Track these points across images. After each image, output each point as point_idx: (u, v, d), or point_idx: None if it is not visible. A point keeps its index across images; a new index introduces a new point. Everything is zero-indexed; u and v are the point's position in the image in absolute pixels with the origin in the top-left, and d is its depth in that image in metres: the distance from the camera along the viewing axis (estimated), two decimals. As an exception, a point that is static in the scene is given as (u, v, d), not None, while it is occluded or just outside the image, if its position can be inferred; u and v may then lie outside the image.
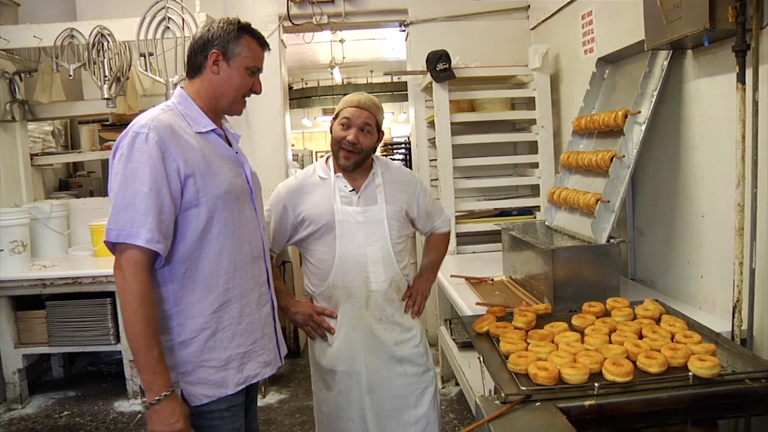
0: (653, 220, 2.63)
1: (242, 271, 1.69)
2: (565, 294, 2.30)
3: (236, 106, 1.75)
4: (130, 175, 1.51)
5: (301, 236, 2.14)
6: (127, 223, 1.49)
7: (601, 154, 2.48)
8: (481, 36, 4.18)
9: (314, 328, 2.17)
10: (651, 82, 2.37)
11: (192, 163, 1.58)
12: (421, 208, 2.24)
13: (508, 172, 4.10)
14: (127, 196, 1.50)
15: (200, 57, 1.69)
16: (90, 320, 3.62)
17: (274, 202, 2.15)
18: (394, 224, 2.13)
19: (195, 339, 1.61)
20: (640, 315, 1.95)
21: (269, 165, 4.27)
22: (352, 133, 2.05)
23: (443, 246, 2.38)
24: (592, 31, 3.10)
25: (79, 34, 3.67)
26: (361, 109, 2.06)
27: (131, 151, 1.52)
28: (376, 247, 2.10)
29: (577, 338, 1.78)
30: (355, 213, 2.09)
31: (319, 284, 2.14)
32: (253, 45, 1.71)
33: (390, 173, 2.19)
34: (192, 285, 1.61)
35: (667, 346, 1.64)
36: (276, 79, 4.31)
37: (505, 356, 1.72)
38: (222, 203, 1.63)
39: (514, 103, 4.04)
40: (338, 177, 2.13)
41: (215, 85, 1.69)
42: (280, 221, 2.14)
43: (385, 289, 2.12)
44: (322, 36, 7.52)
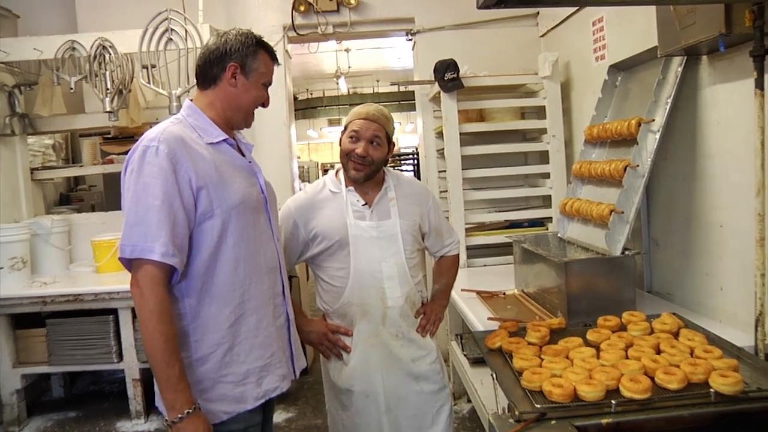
0: (669, 230, 2.61)
1: (258, 282, 1.70)
2: (580, 308, 2.29)
3: (249, 119, 1.79)
4: (142, 189, 1.52)
5: (313, 253, 2.14)
6: (141, 238, 1.50)
7: (615, 164, 2.47)
8: (489, 44, 4.20)
9: (329, 347, 2.16)
10: (665, 90, 2.37)
11: (204, 175, 1.60)
12: (432, 224, 2.24)
13: (518, 182, 4.09)
14: (139, 210, 1.52)
15: (216, 68, 1.71)
16: (92, 338, 3.62)
17: (283, 218, 2.15)
18: (408, 239, 2.14)
19: (213, 354, 1.63)
20: (657, 329, 1.93)
21: (275, 178, 4.23)
22: (361, 146, 2.05)
23: (454, 269, 2.39)
24: (603, 37, 3.11)
25: (80, 47, 3.70)
26: (370, 121, 2.07)
27: (142, 165, 1.54)
28: (391, 263, 2.10)
29: (593, 354, 1.77)
30: (369, 228, 2.09)
31: (333, 302, 2.13)
32: (267, 60, 1.77)
33: (402, 186, 2.20)
34: (209, 299, 1.62)
35: (687, 362, 1.62)
36: (281, 90, 4.34)
37: (518, 373, 1.71)
38: (236, 214, 1.64)
39: (524, 113, 4.04)
40: (350, 191, 2.13)
41: (231, 97, 1.72)
42: (290, 238, 2.14)
43: (401, 305, 2.12)
44: (327, 45, 7.56)
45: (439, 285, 2.35)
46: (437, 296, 2.33)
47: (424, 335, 2.20)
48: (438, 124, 4.03)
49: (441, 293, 2.35)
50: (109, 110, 3.70)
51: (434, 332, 2.26)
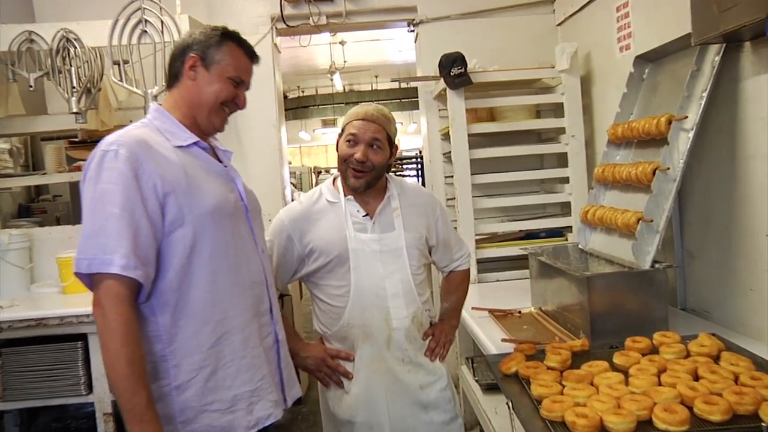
0: (706, 240, 2.59)
1: (240, 297, 1.71)
2: (605, 328, 2.27)
3: (215, 117, 1.78)
4: (99, 197, 1.53)
5: (309, 270, 2.14)
6: (99, 250, 1.50)
7: (642, 167, 2.46)
8: (500, 35, 4.20)
9: (328, 373, 2.16)
10: (699, 82, 2.36)
11: (171, 179, 1.60)
12: (440, 235, 2.25)
13: (534, 188, 4.09)
14: (96, 220, 1.52)
15: (178, 63, 1.76)
16: (57, 368, 3.57)
17: (276, 231, 2.16)
18: (414, 253, 2.14)
19: (194, 380, 1.62)
20: (694, 352, 1.91)
21: (264, 186, 4.25)
22: (360, 150, 2.06)
23: (465, 285, 2.40)
24: (628, 25, 3.10)
25: (40, 39, 3.66)
26: (369, 122, 2.07)
27: (100, 172, 1.55)
28: (396, 279, 2.11)
29: (621, 380, 1.76)
30: (371, 241, 2.10)
31: (332, 323, 2.14)
32: (237, 53, 1.77)
33: (406, 195, 2.20)
34: (185, 317, 1.62)
35: (731, 390, 1.60)
36: (269, 88, 4.34)
37: (537, 401, 1.70)
38: (211, 221, 1.65)
39: (539, 111, 4.04)
40: (349, 200, 2.14)
41: (192, 92, 1.75)
42: (284, 254, 2.14)
43: (407, 327, 2.12)
44: (321, 38, 7.60)
45: (449, 303, 2.35)
46: (447, 316, 2.33)
47: (434, 359, 2.21)
48: (444, 125, 4.03)
49: (451, 312, 2.35)
50: (76, 111, 3.67)
51: (444, 356, 2.26)
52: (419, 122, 4.64)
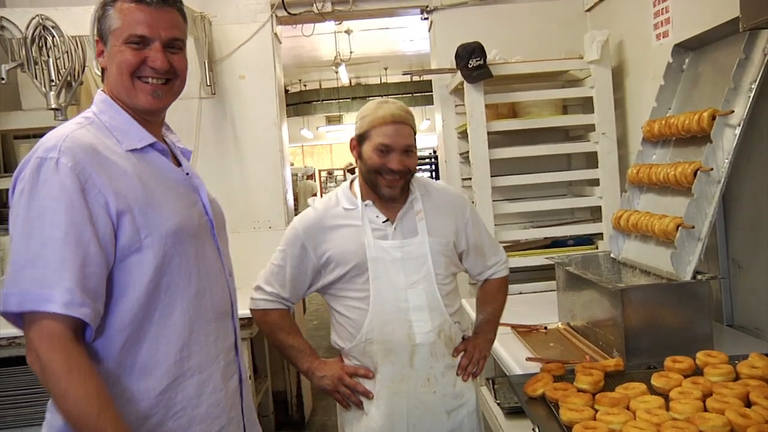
0: (755, 249, 2.57)
1: (201, 333, 1.59)
2: (641, 346, 2.25)
3: (135, 95, 1.59)
4: (36, 216, 1.38)
5: (326, 282, 2.16)
6: (35, 284, 1.34)
7: (682, 167, 2.44)
8: (523, 23, 4.20)
9: (346, 394, 2.16)
10: (749, 72, 2.33)
11: (126, 195, 1.47)
12: (470, 240, 2.25)
13: (561, 191, 4.08)
14: (32, 246, 1.36)
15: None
16: (28, 393, 3.54)
17: (290, 241, 2.18)
18: (440, 260, 2.14)
19: (156, 407, 1.50)
20: (744, 374, 1.89)
21: (263, 191, 4.29)
22: (395, 160, 2.06)
23: (502, 295, 2.40)
24: (666, 9, 3.08)
25: (12, 25, 3.63)
26: (400, 125, 2.07)
27: (35, 185, 1.39)
28: (419, 290, 2.11)
29: (661, 404, 1.74)
30: (392, 248, 2.10)
31: (350, 338, 2.15)
32: (126, 9, 1.56)
33: (431, 196, 2.21)
34: (132, 357, 1.48)
35: (788, 418, 1.58)
36: (269, 82, 4.34)
37: (567, 427, 1.69)
38: (172, 244, 1.52)
39: (566, 106, 4.03)
40: (367, 206, 2.15)
41: (108, 78, 1.61)
42: (298, 265, 2.16)
43: (432, 341, 2.12)
44: (325, 27, 7.61)
45: (484, 315, 2.36)
46: (482, 329, 2.35)
47: (465, 379, 2.21)
48: (461, 122, 4.03)
49: (487, 325, 2.36)
50: (55, 107, 3.66)
51: (478, 374, 2.26)
52: (433, 119, 4.64)
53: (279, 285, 2.17)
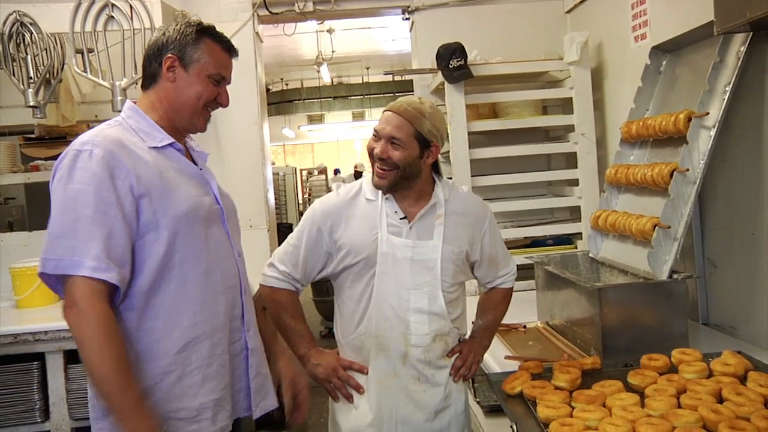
0: (730, 249, 2.60)
1: (211, 303, 1.80)
2: (618, 344, 2.28)
3: (197, 119, 1.87)
4: (70, 198, 1.62)
5: (336, 269, 2.17)
6: (67, 252, 1.58)
7: (659, 168, 2.47)
8: (503, 24, 4.22)
9: (338, 385, 2.18)
10: (723, 75, 2.37)
11: (146, 181, 1.69)
12: (485, 251, 2.24)
13: (540, 191, 4.10)
14: (65, 221, 1.61)
15: (154, 64, 1.83)
16: (8, 392, 3.53)
17: (307, 221, 2.20)
18: (449, 268, 2.14)
19: (159, 385, 1.71)
20: (717, 371, 1.92)
21: (245, 188, 4.26)
22: (379, 146, 2.07)
23: (505, 305, 2.39)
24: (644, 12, 3.12)
25: (-13, 21, 3.60)
26: (394, 114, 2.07)
27: (72, 172, 1.64)
28: (423, 293, 2.11)
29: (636, 401, 1.76)
30: (403, 246, 2.10)
31: (349, 331, 2.17)
32: (215, 50, 1.85)
33: (454, 202, 2.20)
34: (151, 320, 1.71)
35: (759, 414, 1.60)
36: (250, 81, 4.33)
37: (544, 424, 1.70)
38: (185, 225, 1.74)
39: (546, 106, 4.05)
40: (387, 199, 2.14)
41: (171, 95, 1.83)
42: (313, 247, 2.17)
43: (427, 344, 2.13)
44: (307, 26, 7.61)
45: (484, 321, 2.36)
46: (479, 334, 2.34)
47: (457, 380, 2.22)
48: (442, 121, 4.03)
49: (484, 331, 2.35)
50: (33, 104, 3.63)
51: (469, 377, 2.28)
52: (415, 118, 4.63)
53: (292, 265, 2.18)
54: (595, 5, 3.78)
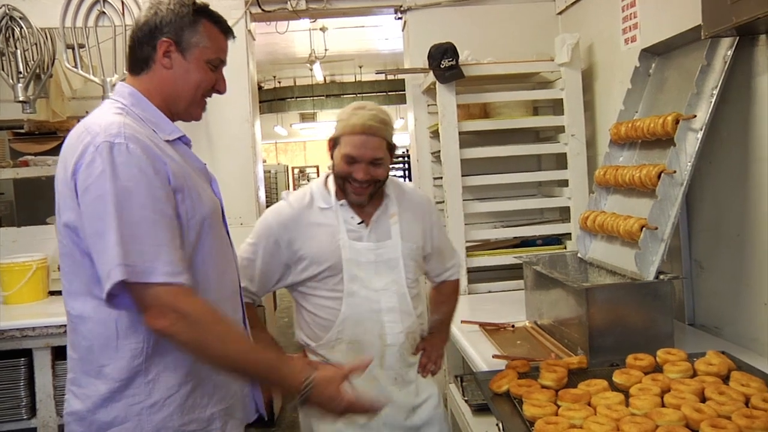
0: (716, 250, 2.62)
1: (224, 306, 1.72)
2: (605, 344, 2.29)
3: (195, 108, 1.76)
4: (124, 197, 1.48)
5: (297, 279, 2.17)
6: (139, 259, 1.47)
7: (647, 170, 2.49)
8: (495, 24, 4.23)
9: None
10: (710, 78, 2.38)
11: (179, 177, 1.59)
12: (434, 243, 2.28)
13: (530, 192, 4.11)
14: (127, 224, 1.48)
15: (146, 48, 1.66)
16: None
17: (262, 234, 2.17)
18: (410, 265, 2.18)
19: (172, 398, 1.61)
20: (701, 371, 1.93)
21: (235, 186, 4.25)
22: (361, 171, 2.06)
23: (456, 296, 2.45)
24: (635, 14, 3.14)
25: (-23, 16, 3.59)
26: (368, 136, 2.05)
27: (115, 168, 1.49)
28: (391, 292, 2.14)
29: (621, 400, 1.77)
30: (366, 250, 2.12)
31: (318, 336, 2.16)
32: (214, 33, 1.71)
33: (403, 199, 2.22)
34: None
35: (740, 413, 1.62)
36: (243, 78, 4.32)
37: (530, 422, 1.71)
38: (207, 226, 1.67)
39: (537, 107, 4.07)
40: (342, 206, 2.15)
41: (168, 82, 1.68)
42: (270, 260, 2.16)
43: (401, 343, 2.16)
44: (299, 24, 7.59)
45: (439, 315, 2.40)
46: (437, 329, 2.38)
47: (425, 375, 2.24)
48: (433, 121, 4.05)
49: (441, 325, 2.40)
50: (23, 99, 3.63)
51: (437, 371, 2.31)
52: (407, 118, 4.65)
53: (248, 279, 2.16)
54: (586, 7, 3.79)
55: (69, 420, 1.63)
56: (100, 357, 1.58)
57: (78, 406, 1.61)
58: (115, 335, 1.56)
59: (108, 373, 1.58)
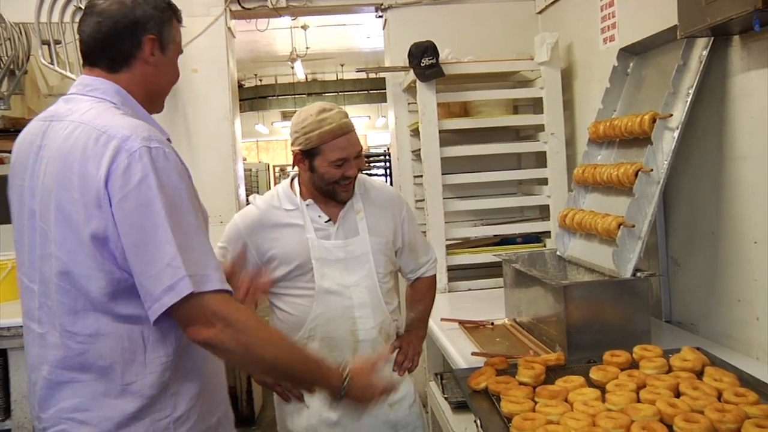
0: (692, 248, 2.65)
1: None
2: (582, 341, 2.30)
3: (163, 102, 1.75)
4: (171, 205, 1.42)
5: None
6: (196, 268, 1.42)
7: (624, 168, 2.50)
8: (475, 23, 4.24)
9: (288, 387, 2.18)
10: (686, 78, 2.41)
11: (191, 183, 1.55)
12: (405, 238, 2.29)
13: (510, 190, 4.14)
14: (178, 234, 1.42)
15: (128, 43, 1.58)
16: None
17: (231, 238, 2.20)
18: (380, 259, 2.19)
19: (193, 409, 1.58)
20: (676, 367, 1.95)
21: (215, 186, 4.25)
22: (353, 168, 2.10)
23: (432, 292, 2.46)
24: (613, 14, 3.16)
25: (-51, 11, 3.55)
26: (349, 134, 2.09)
27: (158, 173, 1.42)
28: (362, 288, 2.16)
29: (597, 396, 1.79)
30: (335, 248, 2.14)
31: (291, 334, 2.17)
32: (177, 26, 1.70)
33: (370, 195, 2.24)
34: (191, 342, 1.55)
35: (713, 407, 1.63)
36: (222, 77, 4.29)
37: (507, 419, 1.72)
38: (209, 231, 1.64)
39: (517, 106, 4.09)
40: (309, 205, 2.16)
41: (151, 79, 1.64)
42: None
43: (374, 338, 2.18)
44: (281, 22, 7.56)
45: (416, 313, 2.40)
46: (414, 326, 2.38)
47: (402, 373, 2.25)
48: (413, 120, 4.06)
49: (418, 322, 2.41)
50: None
51: (413, 369, 2.32)
52: (388, 116, 4.66)
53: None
54: (565, 7, 3.82)
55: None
56: (125, 375, 1.50)
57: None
58: (143, 349, 1.50)
59: (136, 390, 1.50)
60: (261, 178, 13.82)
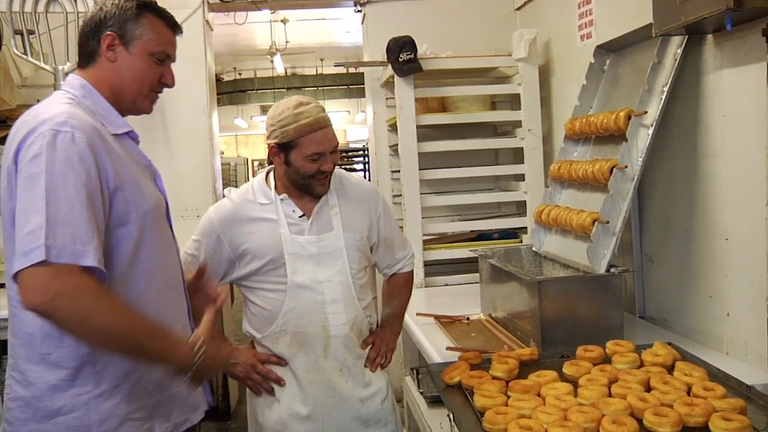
0: (665, 244, 2.67)
1: (167, 301, 1.76)
2: (556, 336, 2.32)
3: (142, 101, 1.77)
4: (60, 180, 1.47)
5: (241, 274, 2.18)
6: (70, 240, 1.44)
7: (599, 165, 2.52)
8: (454, 19, 4.24)
9: (258, 381, 2.18)
10: (661, 76, 2.42)
11: (120, 173, 1.60)
12: (381, 234, 2.29)
13: (487, 185, 4.15)
14: (61, 205, 1.45)
15: (92, 42, 1.70)
16: None
17: (205, 231, 2.18)
18: (354, 255, 2.18)
19: (120, 387, 1.63)
20: (648, 362, 1.97)
21: (192, 180, 4.22)
22: (328, 162, 2.09)
23: (408, 288, 2.45)
24: (590, 11, 3.18)
25: None
26: (326, 128, 2.08)
27: (54, 152, 1.48)
28: (335, 283, 2.14)
29: (569, 390, 1.80)
30: (308, 243, 2.13)
31: (263, 328, 2.17)
32: (158, 26, 1.74)
33: (345, 190, 2.23)
34: None
35: (682, 401, 1.65)
36: (199, 70, 4.28)
37: (480, 413, 1.73)
38: (150, 221, 1.68)
39: (494, 102, 4.10)
40: (283, 200, 2.16)
41: (113, 75, 1.71)
42: (213, 256, 2.16)
43: (346, 334, 2.16)
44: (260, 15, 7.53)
45: (391, 308, 2.40)
46: (389, 322, 2.38)
47: (374, 370, 2.25)
48: (391, 115, 4.05)
49: (393, 318, 2.40)
50: (-31, 86, 3.55)
51: (386, 365, 2.31)
52: (366, 111, 4.65)
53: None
54: (543, 4, 3.83)
55: (12, 406, 1.61)
56: (43, 345, 1.57)
57: (22, 392, 1.60)
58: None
59: (54, 361, 1.57)
60: (239, 173, 13.76)
